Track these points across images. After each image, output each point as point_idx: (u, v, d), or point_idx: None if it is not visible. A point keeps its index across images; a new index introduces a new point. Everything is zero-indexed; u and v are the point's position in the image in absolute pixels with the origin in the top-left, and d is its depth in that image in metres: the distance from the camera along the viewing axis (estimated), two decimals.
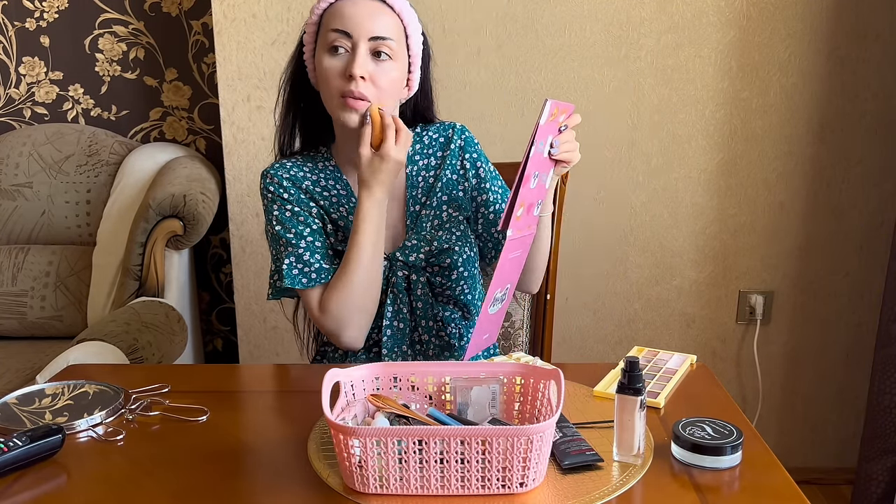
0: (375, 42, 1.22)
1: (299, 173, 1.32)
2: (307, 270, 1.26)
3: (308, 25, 1.28)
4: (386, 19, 1.24)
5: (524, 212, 1.16)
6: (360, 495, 0.89)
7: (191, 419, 1.09)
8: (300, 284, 1.26)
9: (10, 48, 2.37)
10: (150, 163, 2.22)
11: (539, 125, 1.09)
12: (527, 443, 0.86)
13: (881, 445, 1.99)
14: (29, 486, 0.93)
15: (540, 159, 1.15)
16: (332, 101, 1.25)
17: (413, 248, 1.31)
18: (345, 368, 1.00)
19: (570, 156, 1.20)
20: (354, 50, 1.22)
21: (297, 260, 1.26)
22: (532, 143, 1.10)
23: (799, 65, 2.10)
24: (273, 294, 1.33)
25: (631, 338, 2.29)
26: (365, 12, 1.23)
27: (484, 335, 1.23)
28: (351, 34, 1.22)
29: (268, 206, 1.32)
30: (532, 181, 1.14)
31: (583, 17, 2.07)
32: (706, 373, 1.24)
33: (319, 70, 1.25)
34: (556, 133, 1.16)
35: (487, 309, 1.18)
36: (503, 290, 1.22)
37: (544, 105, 1.09)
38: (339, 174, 1.34)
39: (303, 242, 1.27)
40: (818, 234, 2.20)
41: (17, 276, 2.17)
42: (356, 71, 1.21)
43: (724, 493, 0.90)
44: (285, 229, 1.28)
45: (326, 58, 1.23)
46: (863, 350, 2.27)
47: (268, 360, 2.29)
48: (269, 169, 1.33)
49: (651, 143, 2.15)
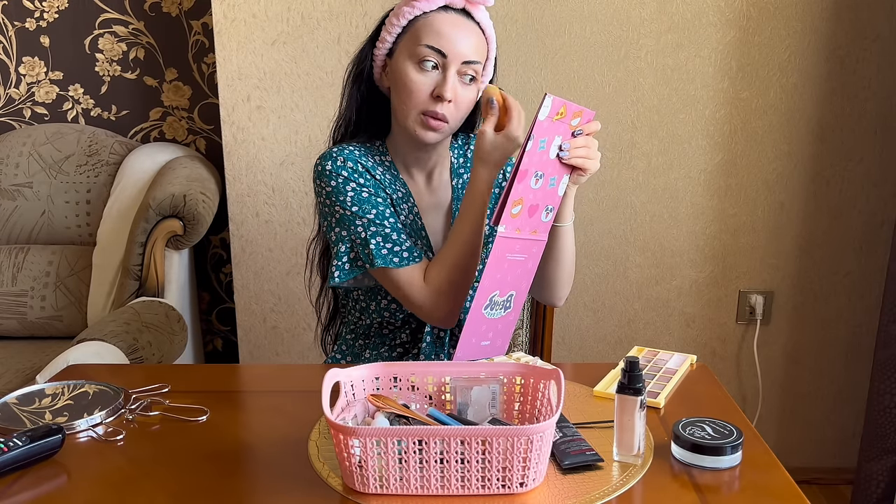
0: (466, 66, 1.23)
1: (367, 162, 1.29)
2: (397, 249, 1.23)
3: (391, 25, 1.26)
4: (476, 42, 1.24)
5: (524, 211, 1.13)
6: (360, 495, 0.89)
7: (191, 419, 1.09)
8: (392, 264, 1.23)
9: (10, 48, 2.37)
10: (150, 163, 2.22)
11: (537, 120, 1.07)
12: (527, 443, 0.86)
13: (881, 445, 1.99)
14: (29, 486, 0.93)
15: (543, 159, 1.11)
16: (410, 113, 1.24)
17: None
18: (345, 368, 1.00)
19: (586, 163, 1.17)
20: (445, 70, 1.22)
21: (384, 240, 1.24)
22: (529, 138, 1.07)
23: (799, 65, 2.10)
24: (341, 276, 1.27)
25: (631, 338, 2.29)
26: (462, 34, 1.22)
27: (482, 340, 1.19)
28: (446, 55, 1.21)
29: (338, 188, 1.26)
30: (532, 180, 1.11)
31: (583, 17, 2.07)
32: (706, 373, 1.24)
33: (402, 79, 1.23)
34: (566, 135, 1.14)
35: (481, 310, 1.15)
36: (505, 295, 1.17)
37: (543, 99, 1.06)
38: (396, 172, 1.33)
39: (387, 223, 1.25)
40: (818, 234, 2.21)
41: (17, 276, 2.17)
42: (447, 95, 1.21)
43: (724, 493, 0.90)
44: (364, 210, 1.25)
45: (413, 71, 1.22)
46: (863, 350, 2.27)
47: (268, 360, 2.29)
48: (333, 151, 1.29)
49: (651, 143, 2.15)
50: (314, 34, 2.09)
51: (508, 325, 1.22)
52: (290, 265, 2.23)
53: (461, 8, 1.25)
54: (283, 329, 2.28)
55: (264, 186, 2.19)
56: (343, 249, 1.27)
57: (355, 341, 1.39)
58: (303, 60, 2.11)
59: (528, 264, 1.19)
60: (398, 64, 1.25)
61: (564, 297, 1.37)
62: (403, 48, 1.25)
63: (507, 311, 1.20)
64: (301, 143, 2.16)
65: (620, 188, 2.18)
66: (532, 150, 1.08)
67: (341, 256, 1.27)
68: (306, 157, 2.16)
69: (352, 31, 2.08)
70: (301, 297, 2.25)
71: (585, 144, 1.16)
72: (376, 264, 1.23)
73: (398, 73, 1.24)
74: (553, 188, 1.16)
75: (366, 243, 1.24)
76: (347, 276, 1.27)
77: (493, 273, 1.13)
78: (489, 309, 1.17)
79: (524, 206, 1.12)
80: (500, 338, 1.22)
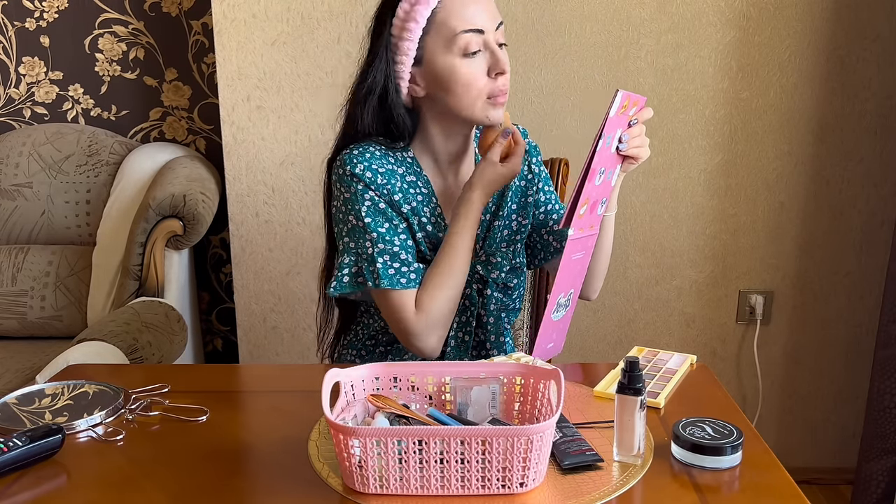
0: (499, 31, 1.20)
1: (389, 166, 1.23)
2: (405, 270, 1.19)
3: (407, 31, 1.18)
4: (494, 3, 1.21)
5: (587, 210, 1.11)
6: (360, 495, 0.89)
7: (191, 419, 1.09)
8: (399, 285, 1.18)
9: (10, 48, 2.37)
10: (150, 163, 2.22)
11: (608, 117, 1.05)
12: (527, 443, 0.86)
13: (881, 445, 1.99)
14: (29, 486, 0.93)
15: (607, 154, 1.10)
16: (475, 104, 1.19)
17: (497, 266, 1.29)
18: (345, 368, 1.00)
19: (640, 151, 1.16)
20: (488, 46, 1.18)
21: (392, 258, 1.19)
22: (600, 137, 1.05)
23: (799, 65, 2.10)
24: (338, 288, 1.22)
25: (631, 338, 2.28)
26: (484, 3, 1.19)
27: (548, 343, 1.18)
28: (483, 31, 1.17)
29: (356, 194, 1.20)
30: (598, 177, 1.10)
31: (583, 17, 2.07)
32: (706, 373, 1.24)
33: (452, 76, 1.17)
34: (625, 127, 1.13)
35: (550, 315, 1.14)
36: (566, 295, 1.16)
37: (615, 96, 1.04)
38: (419, 169, 1.27)
39: (397, 240, 1.20)
40: (818, 234, 2.20)
41: (17, 276, 2.17)
42: (506, 67, 1.19)
43: (724, 493, 0.90)
44: (377, 223, 1.20)
45: (462, 63, 1.17)
46: (863, 350, 2.27)
47: (268, 360, 2.29)
48: (354, 155, 1.22)
49: (651, 143, 2.14)
50: (314, 34, 2.09)
51: (567, 321, 1.23)
52: (290, 265, 2.23)
53: None
54: (283, 329, 2.28)
55: (264, 186, 2.19)
56: (346, 261, 1.22)
57: (375, 348, 1.35)
58: (303, 60, 2.11)
59: (585, 260, 1.19)
60: (438, 64, 1.18)
61: (599, 289, 1.36)
62: (435, 47, 1.18)
63: (567, 309, 1.21)
64: (301, 143, 2.16)
65: (620, 188, 2.17)
66: (602, 148, 1.07)
67: (343, 268, 1.22)
68: (306, 157, 2.16)
69: (352, 31, 2.08)
70: (301, 297, 2.24)
71: (640, 133, 1.16)
72: (382, 284, 1.18)
73: (443, 72, 1.18)
74: (609, 181, 1.16)
75: (373, 260, 1.19)
76: (345, 289, 1.22)
77: (562, 277, 1.11)
78: (556, 312, 1.16)
79: (588, 204, 1.12)
80: (561, 335, 1.23)
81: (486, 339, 1.31)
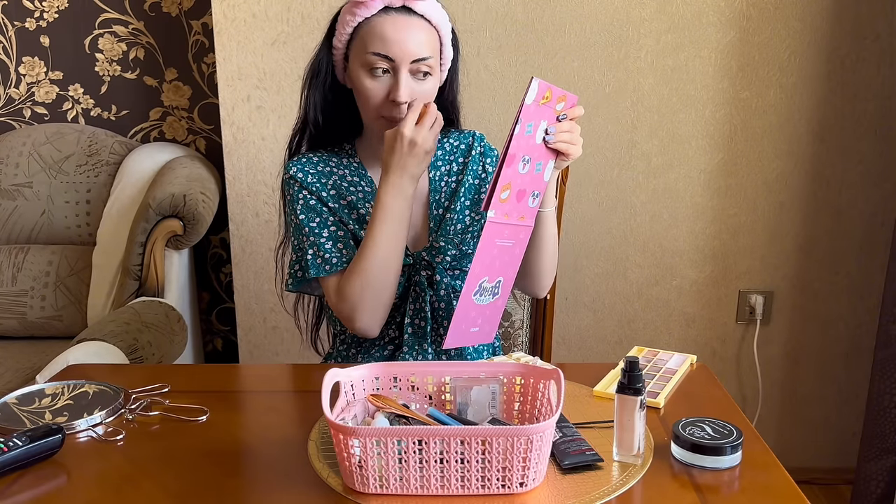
0: (417, 64, 1.22)
1: (325, 168, 1.33)
2: (329, 258, 1.26)
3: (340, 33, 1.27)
4: (424, 37, 1.23)
5: (512, 196, 1.13)
6: (360, 495, 0.89)
7: (191, 419, 1.09)
8: (323, 272, 1.26)
9: (10, 48, 2.37)
10: (150, 163, 2.22)
11: (524, 104, 1.06)
12: (527, 443, 0.86)
13: (881, 445, 1.99)
14: (29, 486, 0.93)
15: (530, 143, 1.11)
16: (371, 115, 1.27)
17: (441, 250, 1.31)
18: (345, 368, 1.00)
19: (569, 148, 1.16)
20: (396, 74, 1.22)
21: (319, 249, 1.27)
22: (516, 121, 1.07)
23: (799, 65, 2.10)
24: (293, 285, 1.32)
25: (631, 338, 2.29)
26: (405, 35, 1.21)
27: (471, 327, 1.20)
28: (393, 59, 1.21)
29: (293, 196, 1.31)
30: (520, 164, 1.11)
31: (583, 17, 2.07)
32: (706, 373, 1.24)
33: (357, 86, 1.26)
34: (551, 120, 1.14)
35: (471, 296, 1.15)
36: (493, 281, 1.18)
37: (530, 82, 1.06)
38: (364, 171, 1.35)
39: (325, 231, 1.28)
40: (818, 234, 2.20)
41: (17, 276, 2.17)
42: (401, 98, 1.22)
43: (724, 493, 0.90)
44: (309, 218, 1.29)
45: (366, 79, 1.24)
46: (863, 350, 2.27)
47: (268, 360, 2.29)
48: (293, 160, 1.33)
49: (651, 143, 2.15)
50: (314, 34, 2.09)
51: (496, 311, 1.23)
52: None
53: (401, 6, 1.23)
54: (283, 329, 2.28)
55: (264, 186, 2.19)
56: (293, 258, 1.32)
57: (348, 351, 1.39)
58: (303, 60, 2.09)
59: (516, 250, 1.20)
60: (352, 71, 1.27)
61: (547, 287, 1.37)
62: (354, 56, 1.26)
63: (496, 298, 1.21)
64: None
65: (620, 188, 2.18)
66: (519, 133, 1.08)
67: (293, 265, 1.32)
68: None
69: None
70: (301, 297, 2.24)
71: (570, 129, 1.16)
72: (309, 274, 1.26)
73: (353, 79, 1.27)
74: (539, 173, 1.17)
75: (304, 252, 1.28)
76: (298, 284, 1.32)
77: (482, 258, 1.13)
78: (478, 295, 1.17)
79: (512, 191, 1.13)
80: (489, 324, 1.23)
81: (440, 324, 1.33)
